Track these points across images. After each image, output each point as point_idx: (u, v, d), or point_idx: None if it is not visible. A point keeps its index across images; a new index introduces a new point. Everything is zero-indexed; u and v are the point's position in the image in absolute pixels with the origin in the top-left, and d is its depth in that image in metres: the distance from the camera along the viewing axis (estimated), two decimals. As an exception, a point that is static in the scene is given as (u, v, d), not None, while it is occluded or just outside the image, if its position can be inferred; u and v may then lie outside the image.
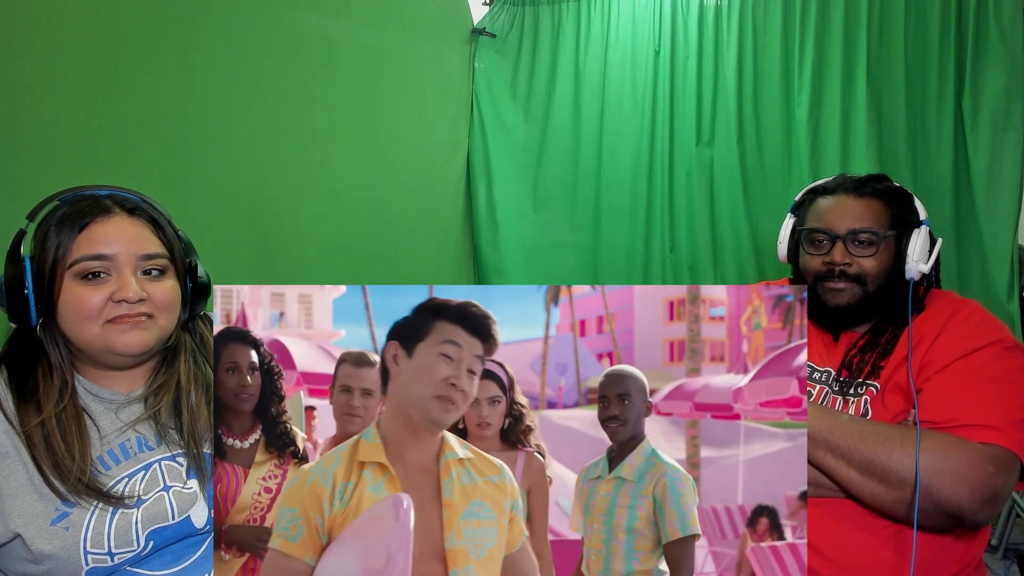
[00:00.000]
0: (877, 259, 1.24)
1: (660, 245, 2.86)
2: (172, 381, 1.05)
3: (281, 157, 2.06)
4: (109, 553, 0.93)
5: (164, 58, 1.69)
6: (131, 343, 0.96)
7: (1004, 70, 2.29)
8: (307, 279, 2.15)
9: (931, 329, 1.21)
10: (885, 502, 1.08)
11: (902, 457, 1.05)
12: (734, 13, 2.65)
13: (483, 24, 2.96)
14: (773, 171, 2.65)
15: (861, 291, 1.25)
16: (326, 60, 2.22)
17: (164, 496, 0.99)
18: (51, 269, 0.94)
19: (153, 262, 0.99)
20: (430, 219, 2.82)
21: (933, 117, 2.40)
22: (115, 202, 0.99)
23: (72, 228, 0.95)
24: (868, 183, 1.29)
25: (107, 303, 0.95)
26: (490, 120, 2.98)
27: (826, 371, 1.29)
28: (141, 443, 1.01)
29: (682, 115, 2.77)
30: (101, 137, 1.55)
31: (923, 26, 2.40)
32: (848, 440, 1.09)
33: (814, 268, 1.28)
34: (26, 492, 0.92)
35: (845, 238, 1.25)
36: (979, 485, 1.03)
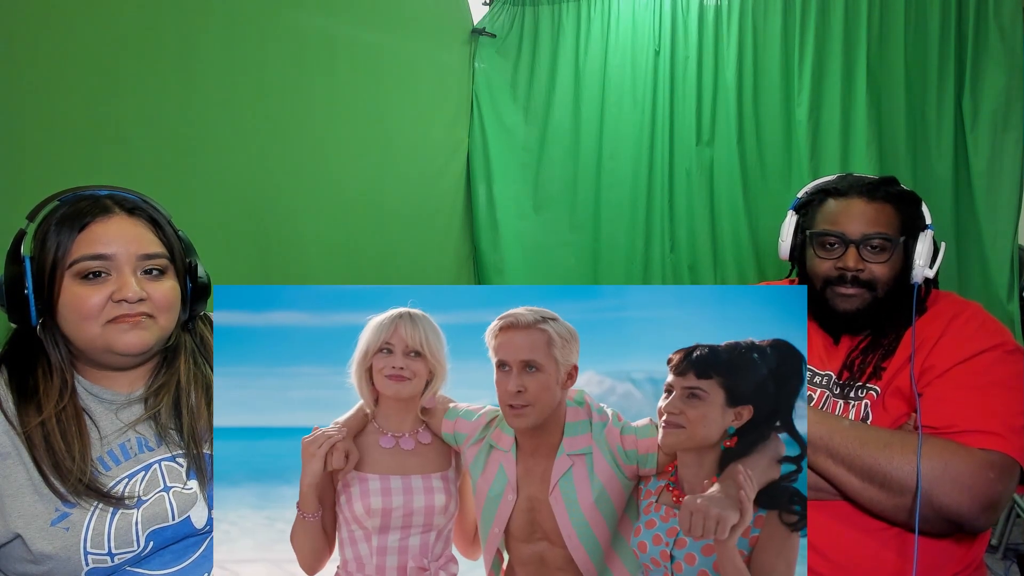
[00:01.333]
0: (889, 265, 1.22)
1: (660, 245, 2.86)
2: (172, 382, 1.05)
3: (281, 157, 2.06)
4: (109, 553, 0.93)
5: (164, 58, 1.69)
6: (131, 343, 0.96)
7: (1004, 70, 2.29)
8: (307, 279, 2.15)
9: (932, 332, 1.20)
10: (886, 508, 1.08)
11: (903, 463, 1.05)
12: (734, 13, 2.65)
13: (483, 24, 2.96)
14: (773, 171, 2.65)
15: (871, 297, 1.23)
16: (326, 60, 2.22)
17: (164, 496, 0.99)
18: (51, 269, 0.94)
19: (153, 262, 0.99)
20: (430, 219, 2.82)
21: (933, 117, 2.40)
22: (115, 202, 0.99)
23: (72, 228, 0.95)
24: (880, 187, 1.26)
25: (107, 303, 0.95)
26: (490, 120, 2.98)
27: (826, 375, 1.28)
28: (141, 444, 1.01)
29: (682, 115, 2.77)
30: (101, 137, 1.55)
31: (923, 26, 2.41)
32: (849, 446, 1.08)
33: (824, 272, 1.26)
34: (26, 492, 0.92)
35: (859, 243, 1.23)
36: (979, 492, 1.02)
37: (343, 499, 0.99)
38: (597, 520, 0.94)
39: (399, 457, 1.01)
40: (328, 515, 1.00)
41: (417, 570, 0.98)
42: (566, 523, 0.94)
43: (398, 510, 0.97)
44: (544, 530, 0.96)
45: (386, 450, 1.01)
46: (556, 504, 0.95)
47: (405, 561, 0.98)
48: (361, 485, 0.98)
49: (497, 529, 0.98)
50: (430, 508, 0.99)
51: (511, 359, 0.94)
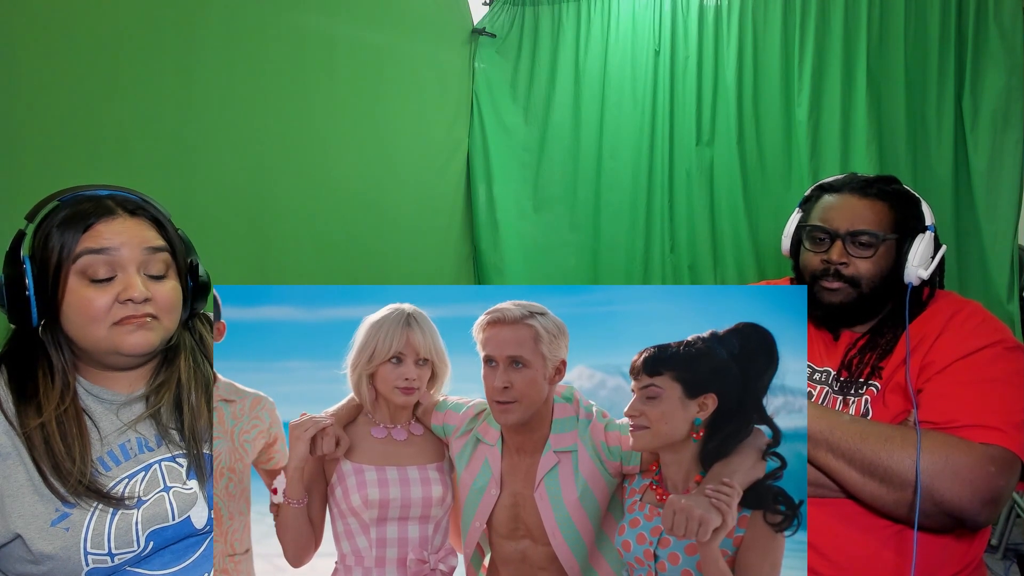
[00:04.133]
0: (874, 262, 1.24)
1: (660, 245, 2.86)
2: (173, 379, 1.05)
3: (281, 157, 2.06)
4: (109, 553, 0.93)
5: (164, 58, 1.69)
6: (137, 344, 0.97)
7: (1004, 70, 2.29)
8: (306, 279, 2.16)
9: (932, 329, 1.20)
10: (887, 503, 1.08)
11: (904, 458, 1.05)
12: (734, 13, 2.65)
13: (483, 24, 2.96)
14: (773, 171, 2.65)
15: (855, 292, 1.25)
16: (326, 60, 2.22)
17: (164, 497, 0.99)
18: (55, 270, 0.94)
19: (157, 256, 0.99)
20: (430, 219, 2.82)
21: (933, 117, 2.41)
22: (117, 203, 0.99)
23: (76, 229, 0.95)
24: (875, 184, 1.28)
25: (113, 304, 0.95)
26: (490, 120, 2.99)
27: (825, 371, 1.29)
28: (141, 444, 1.01)
29: (682, 115, 2.77)
30: (101, 137, 1.55)
31: (923, 26, 2.41)
32: (850, 441, 1.09)
33: (812, 265, 1.29)
34: (26, 493, 0.92)
35: (844, 238, 1.25)
36: (980, 486, 1.03)
37: (339, 492, 0.98)
38: (581, 518, 0.93)
39: (393, 447, 1.01)
40: (316, 505, 0.99)
41: (417, 562, 0.97)
42: (551, 520, 0.93)
43: (395, 501, 0.97)
44: (527, 527, 0.95)
45: (378, 440, 1.00)
46: (541, 501, 0.94)
47: (405, 553, 0.97)
48: (357, 476, 0.98)
49: (479, 523, 0.97)
50: (427, 499, 0.98)
51: (497, 354, 0.93)
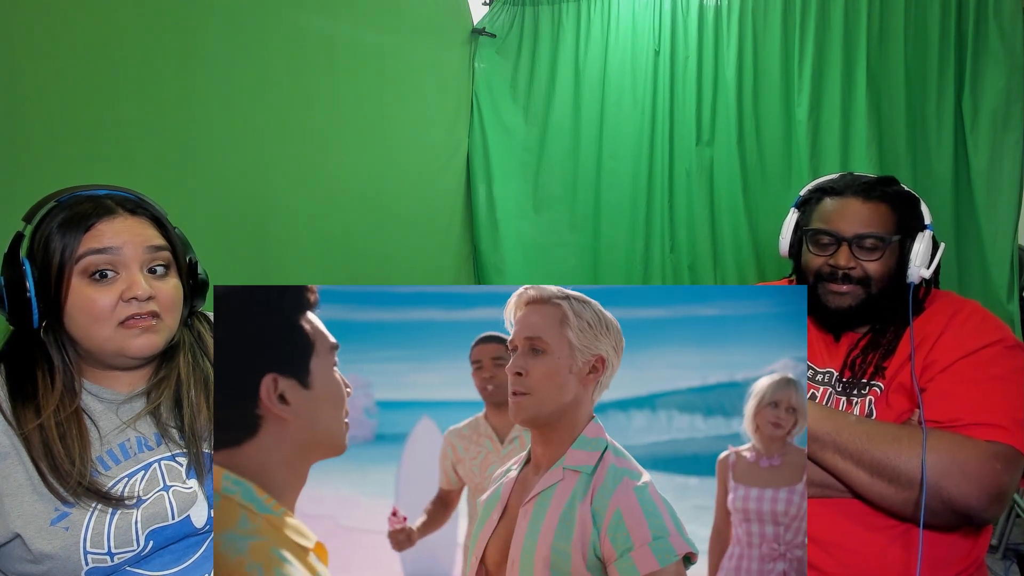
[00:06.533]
0: (882, 263, 1.24)
1: (660, 245, 2.86)
2: (172, 375, 1.06)
3: (281, 157, 2.06)
4: (109, 553, 0.93)
5: (164, 58, 1.69)
6: (143, 347, 0.97)
7: (1004, 70, 2.29)
8: (306, 279, 2.16)
9: (933, 329, 1.21)
10: (895, 502, 1.08)
11: (911, 457, 1.06)
12: (734, 13, 2.65)
13: (483, 24, 2.96)
14: (773, 171, 2.65)
15: (864, 293, 1.25)
16: (326, 60, 2.22)
17: (164, 496, 0.99)
18: (57, 271, 0.94)
19: (159, 254, 0.99)
20: (430, 219, 2.82)
21: (933, 117, 2.40)
22: (116, 202, 0.99)
23: (77, 230, 0.95)
24: (876, 186, 1.28)
25: (117, 303, 0.95)
26: (490, 120, 2.98)
27: (827, 372, 1.29)
28: (141, 443, 1.01)
29: (682, 115, 2.77)
30: (101, 137, 1.55)
31: (923, 26, 2.40)
32: (857, 441, 1.10)
33: (816, 267, 1.28)
34: (26, 492, 0.92)
35: (851, 242, 1.24)
36: (987, 483, 1.04)
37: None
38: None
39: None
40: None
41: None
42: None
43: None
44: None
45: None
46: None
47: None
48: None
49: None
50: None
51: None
